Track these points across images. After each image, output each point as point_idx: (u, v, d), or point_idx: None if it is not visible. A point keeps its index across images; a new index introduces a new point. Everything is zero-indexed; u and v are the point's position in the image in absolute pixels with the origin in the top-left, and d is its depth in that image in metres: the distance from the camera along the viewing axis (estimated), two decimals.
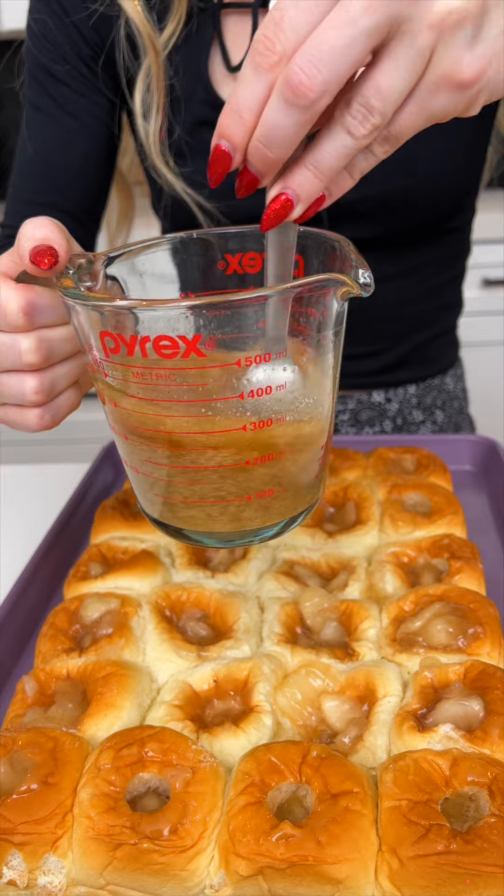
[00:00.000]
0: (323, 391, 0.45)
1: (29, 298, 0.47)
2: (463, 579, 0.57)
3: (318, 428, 0.45)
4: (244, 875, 0.39)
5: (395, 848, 0.39)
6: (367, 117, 0.37)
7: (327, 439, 0.47)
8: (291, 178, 0.39)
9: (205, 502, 0.44)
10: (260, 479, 0.43)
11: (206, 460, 0.42)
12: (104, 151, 0.84)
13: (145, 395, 0.42)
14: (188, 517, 0.46)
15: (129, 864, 0.40)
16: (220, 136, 0.39)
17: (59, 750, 0.45)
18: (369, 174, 0.73)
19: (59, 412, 0.52)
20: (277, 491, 0.44)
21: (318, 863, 0.39)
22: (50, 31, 0.77)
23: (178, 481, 0.44)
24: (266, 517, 0.45)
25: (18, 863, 0.41)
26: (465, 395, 1.04)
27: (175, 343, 0.39)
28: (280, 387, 0.42)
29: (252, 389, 0.41)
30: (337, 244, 0.45)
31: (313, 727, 0.49)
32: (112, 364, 0.42)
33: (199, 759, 0.44)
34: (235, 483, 0.43)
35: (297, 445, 0.44)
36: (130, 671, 0.51)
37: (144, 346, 0.39)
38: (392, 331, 0.91)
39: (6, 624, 0.59)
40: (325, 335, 0.43)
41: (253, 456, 0.42)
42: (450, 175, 0.79)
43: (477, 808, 0.41)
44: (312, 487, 0.47)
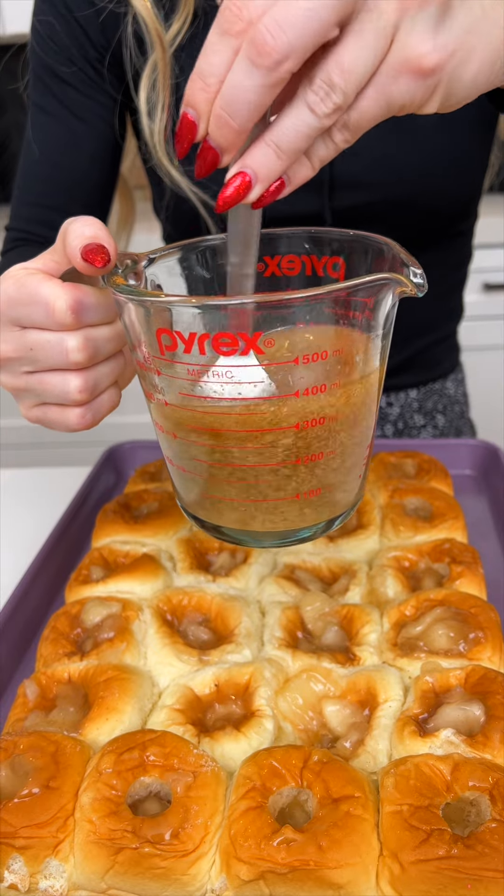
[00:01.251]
0: (371, 392, 0.45)
1: (77, 297, 0.47)
2: (464, 584, 0.57)
3: (365, 427, 0.45)
4: (245, 879, 0.39)
5: (397, 853, 0.39)
6: (329, 94, 0.37)
7: (372, 441, 0.48)
8: (250, 155, 0.39)
9: (252, 501, 0.44)
10: (309, 478, 0.44)
11: (257, 458, 0.42)
12: (109, 153, 0.84)
13: (198, 393, 0.42)
14: (232, 516, 0.46)
15: (130, 868, 0.40)
16: (185, 104, 0.38)
17: (60, 754, 0.45)
18: (372, 180, 0.73)
19: (99, 411, 0.52)
20: (325, 490, 0.45)
21: (319, 867, 0.39)
22: (56, 32, 0.78)
23: (227, 479, 0.44)
24: (309, 517, 0.46)
25: (20, 867, 0.41)
26: (465, 399, 1.05)
27: (234, 340, 0.39)
28: (334, 385, 0.42)
29: (307, 387, 0.41)
30: (385, 247, 0.45)
31: (314, 731, 0.49)
32: (166, 361, 0.42)
33: (201, 764, 0.44)
34: (285, 482, 0.43)
35: (347, 444, 0.44)
36: (132, 675, 0.51)
37: (203, 344, 0.39)
38: (394, 336, 0.91)
39: (7, 628, 0.59)
40: (377, 335, 0.44)
41: (304, 454, 0.42)
42: (455, 181, 0.80)
43: (478, 812, 0.41)
44: (357, 487, 0.48)
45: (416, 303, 0.89)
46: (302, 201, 0.77)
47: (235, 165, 0.39)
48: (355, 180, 0.77)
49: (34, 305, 0.47)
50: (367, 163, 0.76)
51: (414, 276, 0.41)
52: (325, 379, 0.41)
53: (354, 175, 0.76)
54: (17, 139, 2.39)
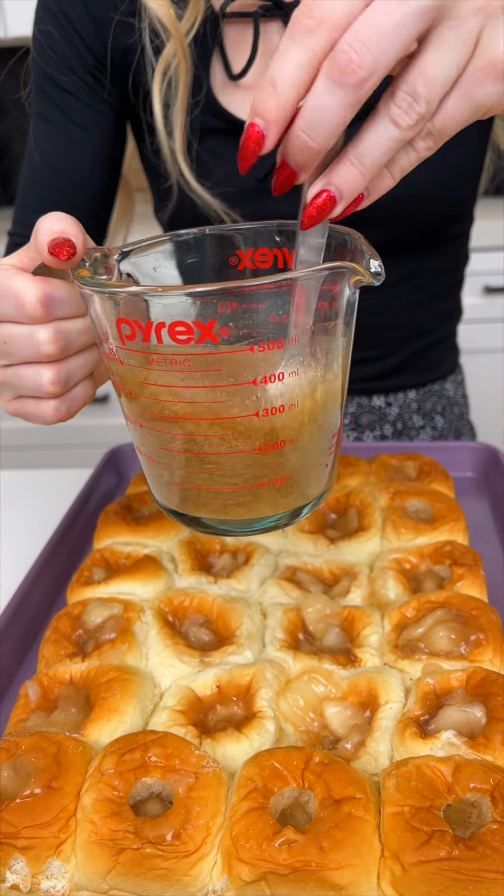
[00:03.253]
0: (335, 381, 0.45)
1: (46, 290, 0.48)
2: (465, 586, 0.58)
3: (329, 417, 0.45)
4: (247, 880, 0.39)
5: (398, 854, 0.39)
6: (412, 106, 0.37)
7: (338, 430, 0.48)
8: (334, 173, 0.38)
9: (218, 489, 0.45)
10: (272, 466, 0.44)
11: (220, 447, 0.43)
12: (109, 160, 0.84)
13: (160, 382, 0.42)
14: (202, 505, 0.46)
15: (132, 868, 0.40)
16: (254, 114, 0.37)
17: (62, 754, 0.45)
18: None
19: (74, 403, 0.53)
20: (289, 479, 0.45)
21: (320, 868, 0.39)
22: (56, 42, 0.78)
23: (192, 468, 0.45)
24: (277, 505, 0.46)
25: (21, 867, 0.41)
26: (465, 401, 1.05)
27: (190, 329, 0.39)
28: (292, 373, 0.42)
29: (265, 375, 0.41)
30: (348, 237, 0.46)
31: (315, 733, 0.49)
32: (128, 351, 0.43)
33: (202, 765, 0.44)
34: (248, 470, 0.44)
35: (309, 433, 0.44)
36: (133, 676, 0.51)
37: (160, 332, 0.40)
38: (392, 336, 0.91)
39: (9, 628, 0.59)
40: (337, 324, 0.44)
41: (265, 442, 0.43)
42: (449, 184, 0.80)
43: (479, 814, 0.41)
44: (324, 476, 0.48)
45: (413, 304, 0.89)
46: (298, 202, 0.77)
47: (319, 182, 0.39)
48: None
49: (5, 299, 0.48)
50: None
51: (370, 266, 0.41)
52: (280, 367, 0.42)
53: None
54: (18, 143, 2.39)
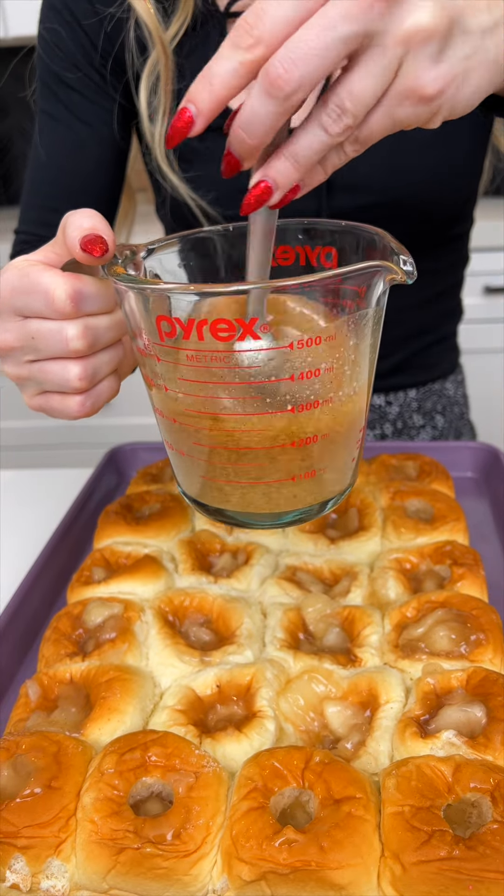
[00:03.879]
0: (363, 376, 0.46)
1: (76, 286, 0.48)
2: (465, 586, 0.58)
3: (358, 411, 0.46)
4: (247, 880, 0.39)
5: (398, 854, 0.39)
6: (340, 117, 0.41)
7: (365, 425, 0.49)
8: (271, 166, 0.43)
9: (249, 483, 0.45)
10: (304, 460, 0.45)
11: (254, 442, 0.44)
12: (114, 156, 0.85)
13: (197, 378, 0.43)
14: (232, 498, 0.47)
15: (132, 868, 0.40)
16: (187, 101, 0.41)
17: (62, 754, 0.45)
18: (369, 182, 0.74)
19: (99, 399, 0.53)
20: (320, 472, 0.46)
21: (320, 868, 0.39)
22: (62, 39, 0.78)
23: (225, 462, 0.45)
24: (305, 498, 0.47)
25: (21, 866, 0.41)
26: (465, 400, 1.05)
27: (232, 326, 0.40)
28: (328, 369, 0.43)
29: (302, 372, 0.42)
30: (377, 237, 0.47)
31: (316, 733, 0.49)
32: (166, 348, 0.43)
33: (202, 764, 0.44)
34: (281, 464, 0.44)
35: (340, 427, 0.45)
36: (133, 676, 0.51)
37: (201, 330, 0.41)
38: (392, 335, 0.91)
39: (9, 628, 0.59)
40: (368, 321, 0.45)
41: (299, 437, 0.44)
42: (447, 184, 0.81)
43: (479, 814, 0.41)
44: (351, 469, 0.49)
45: (413, 303, 0.89)
46: (301, 202, 0.78)
47: (257, 174, 0.43)
48: (352, 183, 0.78)
49: (35, 294, 0.49)
50: (364, 166, 0.76)
51: (404, 265, 0.42)
52: (317, 364, 0.42)
53: (351, 178, 0.77)
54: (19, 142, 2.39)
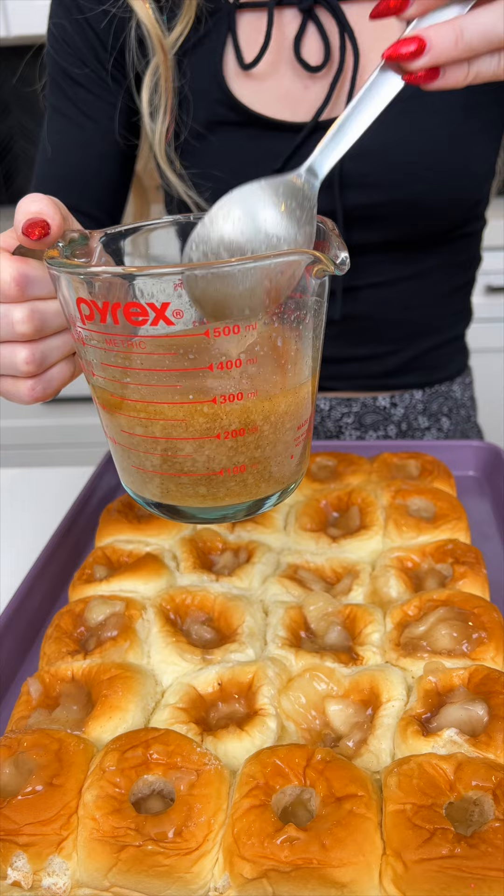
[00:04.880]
0: (299, 370, 0.45)
1: (21, 270, 0.48)
2: (467, 584, 0.57)
3: (294, 407, 0.45)
4: (248, 878, 0.39)
5: (400, 852, 0.39)
6: None
7: (306, 422, 0.47)
8: (435, 29, 0.41)
9: (177, 474, 0.45)
10: (231, 454, 0.44)
11: (177, 431, 0.43)
12: (121, 153, 0.85)
13: (118, 364, 0.42)
14: (162, 489, 0.46)
15: (133, 865, 0.40)
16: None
17: (63, 752, 0.45)
18: (382, 180, 0.75)
19: (50, 384, 0.53)
20: (250, 467, 0.45)
21: (322, 866, 0.39)
22: (69, 35, 0.79)
23: (151, 451, 0.44)
24: (238, 494, 0.46)
25: (23, 864, 0.41)
26: (472, 403, 1.04)
27: (144, 310, 0.39)
28: (251, 360, 0.42)
29: (221, 361, 0.41)
30: (322, 227, 0.46)
31: (317, 731, 0.49)
32: (89, 332, 0.43)
33: (204, 762, 0.44)
34: (206, 456, 0.44)
35: (271, 423, 0.44)
36: (135, 674, 0.51)
37: (116, 313, 0.40)
38: (399, 334, 0.91)
39: (11, 626, 0.59)
40: (301, 312, 0.44)
41: (223, 429, 0.42)
42: (461, 185, 0.80)
43: (481, 812, 0.41)
44: (290, 467, 0.47)
45: (421, 301, 0.89)
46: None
47: (416, 29, 0.42)
48: (365, 181, 0.78)
49: None
50: (375, 164, 0.77)
51: (338, 257, 0.41)
52: (238, 354, 0.41)
53: (363, 175, 0.77)
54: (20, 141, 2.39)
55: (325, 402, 0.94)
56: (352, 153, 0.45)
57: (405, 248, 0.84)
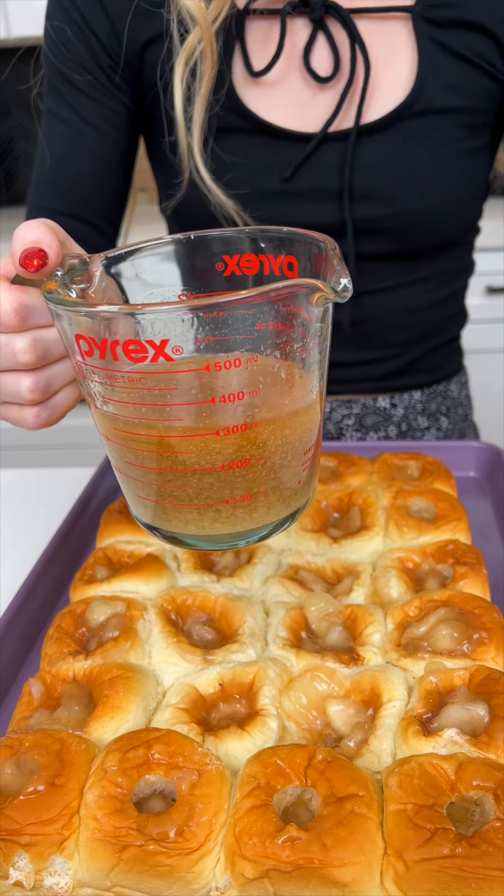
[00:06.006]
0: (304, 397, 0.44)
1: (22, 300, 0.48)
2: (468, 585, 0.58)
3: (299, 434, 0.45)
4: (250, 877, 0.39)
5: (401, 851, 0.39)
6: None
7: (313, 446, 0.47)
8: None
9: (182, 505, 0.45)
10: (237, 484, 0.43)
11: (181, 464, 0.43)
12: (121, 159, 0.85)
13: (120, 398, 0.42)
14: (167, 519, 0.46)
15: (135, 865, 0.40)
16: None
17: (65, 752, 0.45)
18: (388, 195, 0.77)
19: (55, 411, 0.53)
20: (257, 496, 0.44)
21: (323, 865, 0.39)
22: (68, 38, 0.78)
23: (157, 483, 0.44)
24: (246, 522, 0.45)
25: (25, 864, 0.41)
26: (469, 402, 1.05)
27: (143, 347, 0.39)
28: (253, 392, 0.41)
29: (223, 394, 0.41)
30: (323, 245, 0.45)
31: (318, 731, 0.49)
32: (89, 367, 0.43)
33: (205, 762, 0.44)
34: (212, 488, 0.43)
35: (277, 452, 0.44)
36: (136, 674, 0.51)
37: (115, 350, 0.40)
38: (400, 338, 0.92)
39: (12, 626, 0.59)
40: (304, 341, 0.43)
41: (228, 461, 0.42)
42: (463, 201, 0.83)
43: (482, 812, 0.41)
44: (297, 493, 0.47)
45: (421, 307, 0.90)
46: (324, 211, 0.79)
47: None
48: (372, 194, 0.79)
49: None
50: (384, 179, 0.79)
51: (339, 284, 0.41)
52: (239, 387, 0.41)
53: (372, 190, 0.79)
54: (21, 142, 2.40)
55: (325, 405, 0.94)
56: (362, 168, 0.44)
57: (408, 257, 0.86)
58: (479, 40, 0.75)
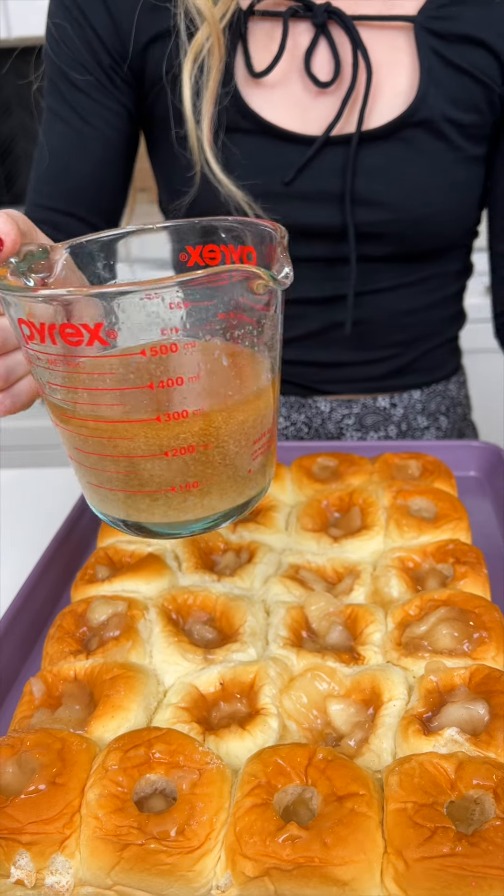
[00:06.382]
0: (249, 386, 0.44)
1: None
2: (468, 584, 0.58)
3: (247, 423, 0.44)
4: (250, 876, 0.40)
5: (401, 850, 0.39)
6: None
7: (265, 435, 0.47)
8: None
9: (133, 491, 0.45)
10: (182, 470, 0.43)
11: (125, 449, 0.43)
12: (120, 159, 0.85)
13: (62, 383, 0.43)
14: (121, 506, 0.46)
15: (136, 864, 0.40)
16: None
17: (66, 751, 0.45)
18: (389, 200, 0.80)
19: (19, 398, 0.53)
20: (203, 484, 0.44)
21: (324, 864, 0.39)
22: (69, 37, 0.78)
23: (105, 469, 0.44)
24: (197, 509, 0.45)
25: (26, 862, 0.41)
26: (468, 401, 1.06)
27: (78, 331, 0.39)
28: (192, 378, 0.41)
29: (162, 380, 0.41)
30: (272, 231, 0.45)
31: (319, 730, 0.49)
32: (34, 353, 0.43)
33: (206, 761, 0.44)
34: (157, 474, 0.43)
35: (223, 439, 0.44)
36: (137, 673, 0.51)
37: (53, 334, 0.40)
38: (400, 338, 0.92)
39: (13, 626, 0.59)
40: (248, 328, 0.43)
41: (172, 447, 0.42)
42: (463, 206, 0.84)
43: (482, 811, 0.41)
44: (249, 481, 0.47)
45: (420, 307, 0.91)
46: (326, 214, 0.79)
47: None
48: (373, 199, 0.80)
49: None
50: (386, 185, 0.80)
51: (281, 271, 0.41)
52: (178, 372, 0.41)
53: (373, 195, 0.80)
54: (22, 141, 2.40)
55: (325, 405, 0.94)
56: (364, 174, 0.44)
57: (409, 260, 0.87)
58: (479, 55, 0.76)
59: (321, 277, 0.86)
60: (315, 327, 0.89)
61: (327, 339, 0.90)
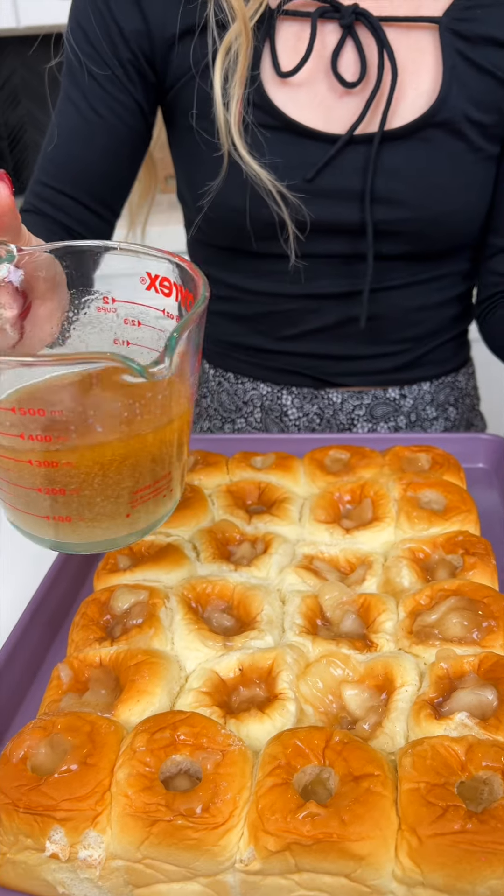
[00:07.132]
0: (125, 447, 0.45)
1: None
2: (477, 574, 0.60)
3: (122, 477, 0.46)
4: (272, 850, 0.42)
5: (415, 827, 0.41)
6: None
7: (148, 487, 0.48)
8: None
9: (24, 512, 0.48)
10: (55, 506, 0.46)
11: (13, 478, 0.46)
12: (126, 151, 0.86)
13: None
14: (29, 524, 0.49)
15: (164, 839, 0.43)
16: None
17: (96, 733, 0.47)
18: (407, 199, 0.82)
19: None
20: (77, 520, 0.47)
21: (342, 840, 0.41)
22: (91, 26, 0.79)
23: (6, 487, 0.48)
24: (75, 537, 0.48)
25: (60, 837, 0.44)
26: (476, 392, 1.08)
27: None
28: (60, 438, 0.43)
29: (30, 434, 0.43)
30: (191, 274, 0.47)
31: (334, 714, 0.51)
32: None
33: (229, 743, 0.46)
34: (37, 504, 0.47)
35: (95, 488, 0.45)
36: (161, 659, 0.53)
37: None
38: (412, 333, 0.94)
39: (38, 613, 0.62)
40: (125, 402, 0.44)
41: (44, 487, 0.45)
42: (473, 210, 0.85)
43: (491, 791, 0.43)
44: (125, 525, 0.49)
45: (433, 304, 0.93)
46: (346, 211, 0.81)
47: None
48: (392, 198, 0.81)
49: None
50: (405, 184, 0.81)
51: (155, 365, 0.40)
52: (45, 431, 0.43)
53: (392, 194, 0.81)
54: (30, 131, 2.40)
55: (337, 396, 0.96)
56: (385, 173, 0.45)
57: (424, 258, 0.88)
58: (502, 56, 0.77)
59: (338, 273, 0.87)
60: (330, 321, 0.91)
61: (342, 333, 0.92)
